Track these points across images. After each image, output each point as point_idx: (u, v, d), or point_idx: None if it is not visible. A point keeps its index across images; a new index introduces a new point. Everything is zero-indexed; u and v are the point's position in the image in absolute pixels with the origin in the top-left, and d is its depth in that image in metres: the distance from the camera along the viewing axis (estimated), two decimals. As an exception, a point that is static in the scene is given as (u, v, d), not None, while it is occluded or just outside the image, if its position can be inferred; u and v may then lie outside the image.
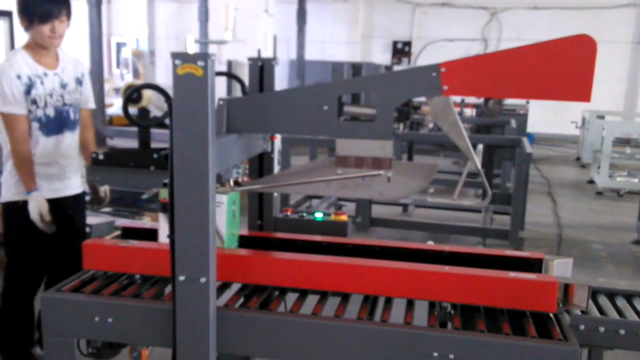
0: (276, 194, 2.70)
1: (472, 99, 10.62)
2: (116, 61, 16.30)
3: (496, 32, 15.62)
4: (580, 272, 5.10)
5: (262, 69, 2.53)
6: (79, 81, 3.21)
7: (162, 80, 14.79)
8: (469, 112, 11.18)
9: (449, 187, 6.97)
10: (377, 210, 6.65)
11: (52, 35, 2.96)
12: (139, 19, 16.15)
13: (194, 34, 11.71)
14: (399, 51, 16.40)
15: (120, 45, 16.20)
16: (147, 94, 3.42)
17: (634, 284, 5.30)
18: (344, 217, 2.65)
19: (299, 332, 2.01)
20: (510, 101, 11.22)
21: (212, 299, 1.93)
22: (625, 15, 14.91)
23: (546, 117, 14.28)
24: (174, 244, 1.90)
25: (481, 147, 2.18)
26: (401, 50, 16.39)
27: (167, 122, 1.96)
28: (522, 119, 10.96)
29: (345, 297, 2.22)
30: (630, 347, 2.20)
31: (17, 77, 2.93)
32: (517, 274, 2.04)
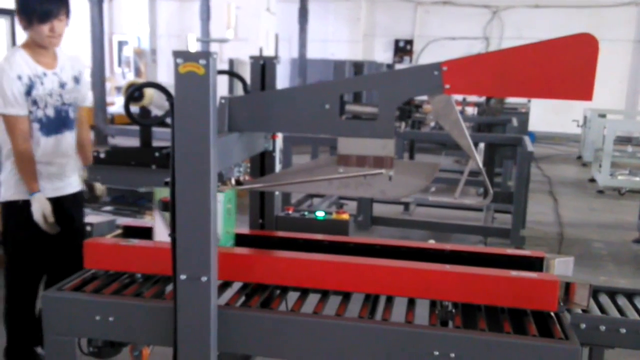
0: (277, 193, 2.70)
1: (473, 98, 10.62)
2: (118, 60, 16.27)
3: (498, 31, 15.59)
4: (581, 270, 5.10)
5: (263, 67, 2.53)
6: (77, 79, 3.19)
7: (163, 78, 14.79)
8: (471, 110, 11.17)
9: (451, 185, 6.94)
10: (378, 209, 6.65)
11: (52, 34, 2.93)
12: (141, 17, 16.13)
13: (195, 33, 11.69)
14: (400, 50, 16.38)
15: (121, 43, 16.17)
16: (149, 93, 3.42)
17: (635, 282, 5.29)
18: (346, 216, 2.65)
19: (300, 331, 2.01)
20: (511, 100, 11.20)
21: (213, 298, 1.93)
22: (627, 13, 14.88)
23: (547, 115, 14.25)
24: (175, 243, 1.90)
25: (482, 145, 2.17)
26: (403, 48, 16.37)
27: (168, 120, 1.96)
28: (524, 117, 10.94)
29: (346, 296, 2.23)
30: (631, 346, 2.19)
31: (18, 77, 2.90)
32: (518, 272, 2.04)
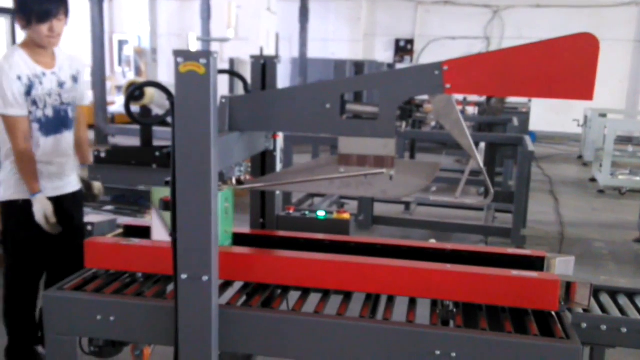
0: (278, 192, 2.70)
1: (474, 97, 10.61)
2: (118, 59, 16.27)
3: (498, 30, 15.59)
4: (582, 270, 5.10)
5: (264, 66, 2.53)
6: (75, 78, 3.18)
7: (164, 78, 14.79)
8: (471, 110, 11.17)
9: (451, 185, 6.95)
10: (379, 208, 6.65)
11: (51, 34, 2.92)
12: (141, 17, 16.13)
13: (196, 32, 11.70)
14: (401, 49, 16.37)
15: (122, 42, 16.18)
16: (149, 92, 3.41)
17: (636, 282, 5.29)
18: (346, 216, 2.65)
19: (301, 331, 2.01)
20: (512, 99, 11.21)
21: (214, 298, 1.93)
22: (627, 13, 14.87)
23: (548, 115, 14.25)
24: (176, 243, 1.90)
25: (483, 145, 2.17)
26: (403, 48, 16.36)
27: (169, 120, 1.96)
28: (524, 117, 10.96)
29: (347, 296, 2.23)
30: (632, 345, 2.20)
31: (18, 78, 2.90)
32: (519, 272, 2.04)
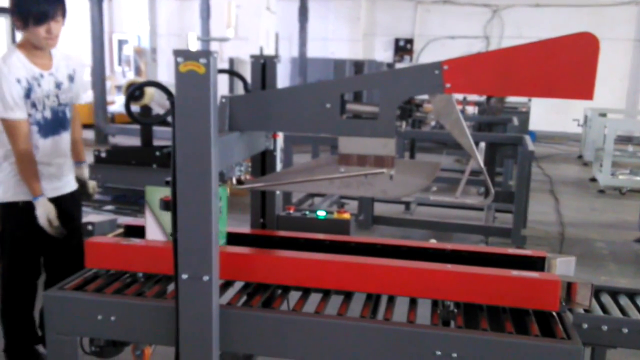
0: (278, 192, 2.69)
1: (474, 97, 10.60)
2: (118, 59, 16.27)
3: (498, 30, 15.58)
4: (582, 270, 5.09)
5: (264, 66, 2.53)
6: (71, 77, 3.17)
7: (164, 77, 14.78)
8: (471, 109, 11.15)
9: (452, 185, 6.94)
10: (379, 208, 6.65)
11: (48, 36, 2.90)
12: (141, 16, 16.12)
13: (195, 31, 11.70)
14: (401, 49, 16.37)
15: (121, 42, 16.17)
16: (149, 92, 3.41)
17: (637, 282, 5.29)
18: (347, 216, 2.65)
19: (302, 331, 2.01)
20: (512, 99, 11.20)
21: (214, 297, 1.93)
22: (627, 12, 14.86)
23: (548, 115, 14.24)
24: (176, 242, 1.90)
25: (483, 145, 2.17)
26: (403, 47, 16.36)
27: (169, 119, 1.96)
28: (524, 116, 10.95)
29: (348, 296, 2.22)
30: (633, 345, 2.19)
31: (17, 81, 2.88)
32: (519, 272, 2.04)
